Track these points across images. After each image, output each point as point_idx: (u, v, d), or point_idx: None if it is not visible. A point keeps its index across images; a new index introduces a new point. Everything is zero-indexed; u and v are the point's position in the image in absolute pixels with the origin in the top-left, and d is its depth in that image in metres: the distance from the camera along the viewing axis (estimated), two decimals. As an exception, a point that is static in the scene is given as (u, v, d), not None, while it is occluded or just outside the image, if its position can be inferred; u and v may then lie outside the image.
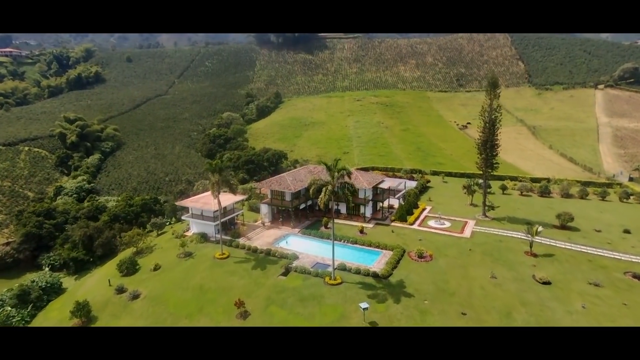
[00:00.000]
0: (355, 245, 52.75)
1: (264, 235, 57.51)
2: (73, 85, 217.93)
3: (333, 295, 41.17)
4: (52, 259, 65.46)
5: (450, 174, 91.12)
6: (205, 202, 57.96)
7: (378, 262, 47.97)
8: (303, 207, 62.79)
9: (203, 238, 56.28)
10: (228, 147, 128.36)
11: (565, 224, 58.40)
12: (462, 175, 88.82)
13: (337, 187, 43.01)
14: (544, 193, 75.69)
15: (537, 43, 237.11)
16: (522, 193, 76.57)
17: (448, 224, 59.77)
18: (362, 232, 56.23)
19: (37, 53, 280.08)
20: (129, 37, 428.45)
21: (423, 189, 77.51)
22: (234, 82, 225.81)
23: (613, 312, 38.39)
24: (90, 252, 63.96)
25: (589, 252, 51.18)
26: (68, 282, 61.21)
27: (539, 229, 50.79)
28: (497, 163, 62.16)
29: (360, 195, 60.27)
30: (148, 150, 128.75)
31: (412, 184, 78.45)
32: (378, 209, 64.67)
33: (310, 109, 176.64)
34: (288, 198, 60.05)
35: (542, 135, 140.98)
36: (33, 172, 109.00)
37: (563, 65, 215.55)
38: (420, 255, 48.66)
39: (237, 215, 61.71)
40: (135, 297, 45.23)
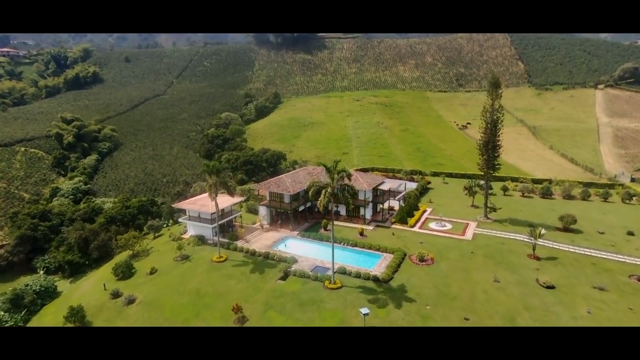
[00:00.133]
0: (355, 248, 51.91)
1: (263, 238, 56.62)
2: (71, 86, 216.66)
3: (333, 300, 40.37)
4: (47, 262, 64.40)
5: (451, 175, 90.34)
6: (203, 204, 57.07)
7: (379, 265, 47.14)
8: (302, 209, 61.91)
9: (200, 241, 55.41)
10: (226, 147, 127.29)
11: (568, 226, 57.58)
12: (462, 176, 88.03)
13: (336, 189, 42.16)
14: (546, 194, 74.90)
15: (536, 43, 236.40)
16: (523, 194, 75.77)
17: (449, 226, 58.93)
18: (362, 234, 55.37)
19: (34, 53, 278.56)
20: (128, 37, 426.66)
21: (423, 190, 76.64)
22: (233, 82, 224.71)
23: (619, 317, 37.62)
24: (86, 254, 62.90)
25: (593, 254, 50.40)
26: (63, 285, 60.24)
27: (542, 232, 49.98)
28: (498, 164, 61.39)
29: (360, 197, 59.42)
30: (146, 151, 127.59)
31: (412, 185, 77.64)
32: (378, 211, 63.83)
33: (310, 109, 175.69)
34: (287, 200, 59.16)
35: (542, 136, 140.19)
36: (29, 173, 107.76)
37: (563, 65, 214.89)
38: (422, 259, 47.85)
39: (235, 218, 60.81)
40: (131, 302, 44.39)
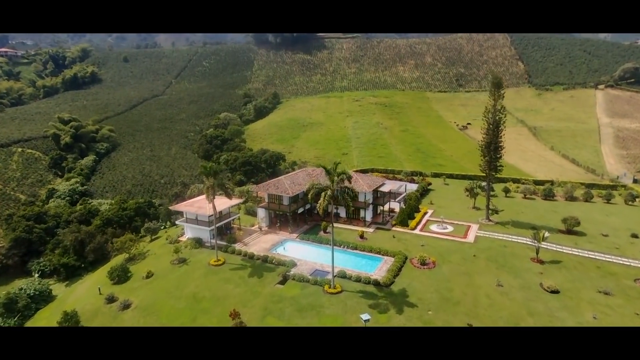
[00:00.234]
0: (356, 251, 51.01)
1: (261, 241, 55.69)
2: (69, 86, 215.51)
3: (333, 305, 39.50)
4: (42, 265, 63.29)
5: (452, 176, 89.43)
6: (200, 206, 56.15)
7: (379, 269, 46.26)
8: (301, 211, 60.97)
9: (198, 243, 54.48)
10: (225, 148, 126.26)
11: (571, 229, 56.72)
12: (463, 177, 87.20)
13: (336, 191, 41.25)
14: (548, 196, 74.03)
15: (536, 43, 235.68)
16: (525, 196, 74.88)
17: (451, 229, 58.05)
18: (362, 237, 54.47)
19: (32, 53, 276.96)
20: (127, 37, 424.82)
21: (424, 192, 75.75)
22: (232, 82, 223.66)
23: (626, 322, 36.79)
24: (82, 257, 61.84)
25: (597, 258, 49.54)
26: (58, 288, 59.27)
27: (546, 235, 49.10)
28: (501, 166, 60.51)
29: (360, 199, 58.47)
30: (144, 152, 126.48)
31: (412, 187, 76.73)
32: (378, 213, 62.92)
33: (309, 110, 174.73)
34: (286, 202, 58.23)
35: (543, 136, 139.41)
36: (26, 174, 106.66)
37: (563, 66, 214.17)
38: (423, 262, 46.98)
39: (233, 220, 59.87)
40: (126, 306, 43.45)
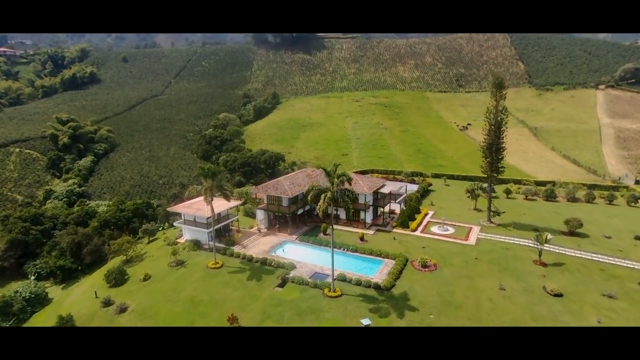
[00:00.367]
0: (356, 254, 50.32)
1: (260, 243, 54.99)
2: (67, 86, 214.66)
3: (332, 309, 38.85)
4: (38, 267, 62.47)
5: (452, 177, 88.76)
6: (198, 207, 55.43)
7: (380, 272, 45.57)
8: (301, 212, 60.28)
9: (196, 245, 53.79)
10: (224, 148, 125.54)
11: (574, 230, 56.06)
12: (464, 178, 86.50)
13: (336, 193, 40.56)
14: (550, 197, 73.36)
15: (537, 43, 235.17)
16: (527, 197, 74.20)
17: (452, 230, 57.38)
18: (362, 239, 53.77)
19: (31, 53, 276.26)
20: (126, 37, 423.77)
21: (425, 193, 75.09)
22: (231, 82, 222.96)
23: (631, 326, 36.02)
24: (79, 260, 61.09)
25: (601, 260, 48.87)
26: (55, 291, 58.52)
27: (549, 237, 48.41)
28: (502, 167, 59.81)
29: (361, 201, 57.78)
30: (142, 152, 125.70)
31: (413, 188, 76.03)
32: (379, 214, 62.24)
33: (308, 110, 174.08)
34: (285, 203, 57.54)
35: (543, 137, 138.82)
36: (23, 174, 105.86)
37: (563, 66, 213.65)
38: (424, 265, 46.30)
39: (231, 222, 59.14)
40: (123, 310, 42.76)
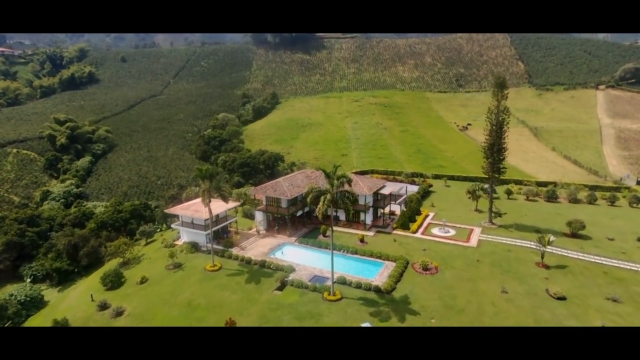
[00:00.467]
0: (356, 256, 49.62)
1: (259, 245, 54.28)
2: (66, 86, 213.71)
3: (332, 313, 38.13)
4: (34, 270, 61.71)
5: (453, 178, 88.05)
6: (196, 209, 54.70)
7: (380, 274, 44.89)
8: (300, 214, 59.57)
9: (194, 248, 53.05)
10: (223, 149, 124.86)
11: (577, 232, 55.38)
12: (465, 179, 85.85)
13: (336, 195, 39.85)
14: (551, 198, 72.68)
15: (536, 43, 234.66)
16: (528, 198, 73.55)
17: (453, 232, 56.69)
18: (362, 241, 53.08)
19: (30, 52, 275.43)
20: (125, 37, 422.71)
21: (425, 194, 74.38)
22: (230, 82, 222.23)
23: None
24: (75, 262, 60.37)
25: (604, 262, 48.18)
26: (51, 294, 57.80)
27: (551, 239, 47.73)
28: (504, 167, 59.12)
29: (361, 202, 57.12)
30: (140, 153, 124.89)
31: (413, 189, 75.31)
32: (379, 216, 61.54)
33: (308, 110, 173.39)
34: (284, 205, 56.84)
35: (544, 137, 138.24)
36: (20, 175, 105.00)
37: (563, 66, 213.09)
38: (425, 267, 45.62)
39: (230, 223, 58.40)
40: (119, 314, 42.04)
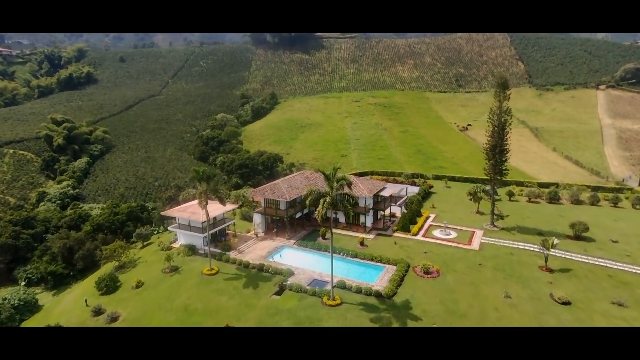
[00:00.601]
0: (356, 260, 48.73)
1: (257, 248, 53.36)
2: (64, 86, 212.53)
3: (332, 319, 37.26)
4: (28, 273, 60.65)
5: (454, 179, 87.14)
6: (193, 211, 53.72)
7: (381, 278, 44.01)
8: (299, 215, 58.69)
9: (191, 251, 52.11)
10: (221, 149, 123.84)
11: (580, 234, 54.55)
12: (465, 180, 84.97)
13: (336, 198, 38.95)
14: (553, 199, 71.83)
15: (536, 43, 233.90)
16: (530, 199, 72.70)
17: (454, 235, 55.83)
18: (362, 244, 52.17)
19: (28, 52, 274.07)
20: (124, 36, 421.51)
21: (426, 195, 73.51)
22: (229, 82, 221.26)
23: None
24: (70, 265, 59.30)
25: (608, 266, 47.37)
26: (45, 298, 56.78)
27: (555, 242, 46.88)
28: (506, 169, 58.28)
29: (361, 204, 56.24)
30: (138, 153, 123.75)
31: (414, 190, 74.43)
32: (379, 218, 60.65)
33: (307, 110, 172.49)
34: (283, 207, 55.93)
35: (544, 137, 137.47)
36: (16, 176, 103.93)
37: (563, 66, 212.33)
38: (426, 271, 44.74)
39: (228, 226, 57.47)
40: (114, 319, 41.15)
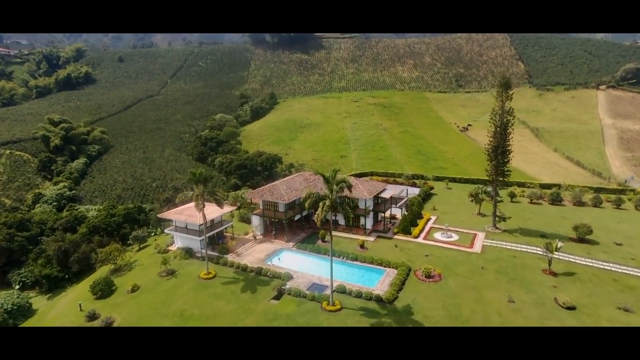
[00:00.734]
0: (356, 263, 47.81)
1: (255, 251, 52.42)
2: (62, 86, 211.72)
3: (331, 325, 36.24)
4: (23, 276, 59.66)
5: (454, 180, 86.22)
6: (190, 214, 52.74)
7: (381, 282, 43.09)
8: (298, 218, 57.79)
9: (188, 254, 51.22)
10: (220, 150, 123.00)
11: (583, 237, 53.68)
12: (466, 181, 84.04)
13: (335, 201, 38.01)
14: (556, 201, 70.93)
15: (536, 43, 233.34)
16: (532, 201, 71.83)
17: (456, 237, 54.92)
18: (362, 246, 51.25)
19: (26, 52, 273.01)
20: (123, 36, 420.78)
21: (426, 196, 72.60)
22: (228, 82, 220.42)
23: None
24: (66, 268, 58.38)
25: (613, 269, 46.47)
26: (40, 302, 55.85)
27: (559, 245, 45.97)
28: (508, 170, 57.41)
29: (361, 206, 55.30)
30: (136, 154, 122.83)
31: (414, 191, 73.57)
32: (379, 220, 59.74)
33: (306, 110, 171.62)
34: (281, 209, 55.03)
35: (545, 138, 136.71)
36: (13, 177, 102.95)
37: (564, 66, 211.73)
38: (428, 275, 43.82)
39: (225, 228, 56.54)
40: (108, 324, 40.14)
